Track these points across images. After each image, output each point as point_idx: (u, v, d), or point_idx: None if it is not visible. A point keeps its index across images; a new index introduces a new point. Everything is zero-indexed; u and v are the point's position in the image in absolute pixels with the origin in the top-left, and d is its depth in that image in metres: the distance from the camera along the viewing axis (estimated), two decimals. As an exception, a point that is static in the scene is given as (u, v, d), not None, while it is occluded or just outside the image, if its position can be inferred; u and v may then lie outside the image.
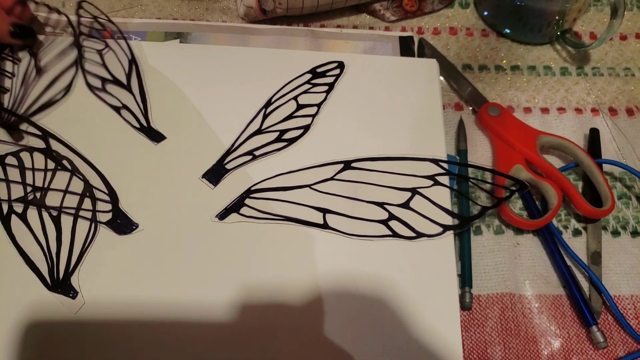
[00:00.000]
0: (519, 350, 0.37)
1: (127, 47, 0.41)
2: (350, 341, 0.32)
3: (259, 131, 0.39)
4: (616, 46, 0.50)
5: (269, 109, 0.40)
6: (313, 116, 0.40)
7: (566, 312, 0.38)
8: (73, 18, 0.43)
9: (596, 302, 0.38)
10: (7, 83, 0.39)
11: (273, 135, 0.39)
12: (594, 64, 0.49)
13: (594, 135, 0.44)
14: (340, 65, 0.42)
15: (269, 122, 0.39)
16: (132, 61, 0.41)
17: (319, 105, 0.40)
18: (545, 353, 0.37)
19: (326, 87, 0.41)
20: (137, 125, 0.38)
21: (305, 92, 0.41)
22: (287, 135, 0.39)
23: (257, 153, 0.38)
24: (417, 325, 0.33)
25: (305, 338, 0.32)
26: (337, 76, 0.42)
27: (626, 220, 0.42)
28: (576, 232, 0.41)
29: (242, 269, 0.34)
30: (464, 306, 0.37)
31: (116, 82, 0.40)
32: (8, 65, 0.40)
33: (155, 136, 0.38)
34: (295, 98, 0.40)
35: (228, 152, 0.38)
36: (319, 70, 0.42)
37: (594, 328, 0.37)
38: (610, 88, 0.47)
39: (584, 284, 0.39)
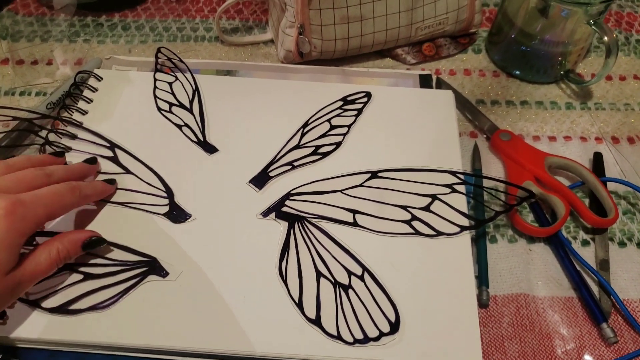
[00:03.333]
0: (534, 345, 0.39)
1: (193, 79, 0.50)
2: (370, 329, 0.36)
3: (297, 146, 0.45)
4: (616, 85, 0.55)
5: (306, 129, 0.46)
6: (344, 135, 0.46)
7: (578, 312, 0.41)
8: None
9: (606, 303, 0.41)
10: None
11: (309, 150, 0.45)
12: (597, 100, 0.54)
13: (597, 158, 0.48)
14: (368, 95, 0.49)
15: (306, 139, 0.46)
16: (196, 90, 0.49)
17: (349, 126, 0.47)
18: (559, 348, 0.39)
19: (355, 112, 0.48)
20: (195, 140, 0.44)
21: (337, 115, 0.47)
22: (321, 150, 0.45)
23: (295, 164, 0.44)
24: (438, 317, 0.37)
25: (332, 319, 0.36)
26: (365, 103, 0.48)
27: (632, 232, 0.45)
28: (585, 243, 0.45)
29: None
30: (482, 304, 0.41)
31: (180, 105, 0.47)
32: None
33: (210, 148, 0.44)
34: (328, 120, 0.47)
35: (271, 163, 0.44)
36: (349, 98, 0.49)
37: (604, 325, 0.39)
38: (612, 120, 0.52)
39: (594, 288, 0.42)
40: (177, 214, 0.41)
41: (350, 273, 0.38)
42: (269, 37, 0.59)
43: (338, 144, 0.45)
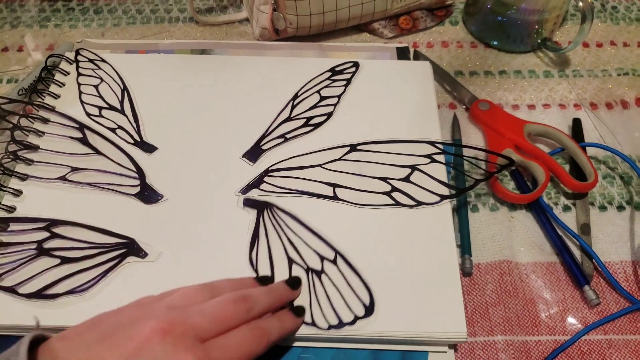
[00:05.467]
0: (518, 310, 0.40)
1: (120, 78, 0.48)
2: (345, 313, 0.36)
3: (288, 119, 0.45)
4: (593, 52, 0.55)
5: (296, 101, 0.46)
6: (334, 105, 0.46)
7: (560, 277, 0.41)
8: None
9: (588, 267, 0.41)
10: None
11: (301, 122, 0.45)
12: (574, 67, 0.54)
13: (576, 124, 0.49)
14: (356, 65, 0.49)
15: (296, 111, 0.45)
16: (124, 89, 0.47)
17: (339, 97, 0.46)
18: (543, 312, 0.39)
19: (344, 82, 0.47)
20: (132, 141, 0.44)
21: (327, 86, 0.47)
22: (313, 121, 0.45)
23: (288, 136, 0.44)
24: (423, 284, 0.37)
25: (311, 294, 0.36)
26: (354, 73, 0.48)
27: (612, 196, 0.45)
28: (566, 208, 0.45)
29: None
30: (465, 272, 0.41)
31: (111, 107, 0.46)
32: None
33: (148, 148, 0.43)
34: (318, 91, 0.47)
35: (263, 136, 0.44)
36: (337, 69, 0.48)
37: (587, 287, 0.40)
38: (589, 87, 0.52)
39: (576, 253, 0.42)
40: (148, 195, 0.40)
41: (322, 258, 0.37)
42: (244, 15, 0.58)
43: (329, 115, 0.45)
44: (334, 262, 0.37)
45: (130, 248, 0.37)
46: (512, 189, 0.45)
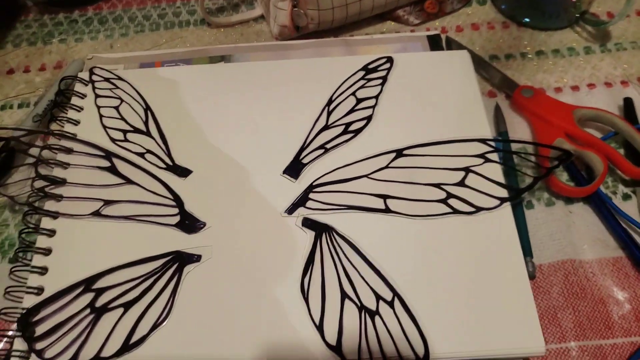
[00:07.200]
0: (589, 312, 0.38)
1: (140, 96, 0.44)
2: (426, 318, 0.34)
3: (326, 127, 0.42)
4: (634, 22, 0.52)
5: (331, 106, 0.43)
6: (373, 107, 0.43)
7: (629, 272, 0.39)
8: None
9: (657, 258, 0.39)
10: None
11: (339, 129, 0.41)
12: (616, 40, 0.51)
13: (628, 104, 0.46)
14: (390, 60, 0.45)
15: (333, 117, 0.42)
16: (147, 108, 0.43)
17: (376, 97, 0.43)
18: (615, 313, 0.37)
19: (380, 80, 0.44)
20: (164, 165, 0.41)
21: (362, 87, 0.44)
22: (352, 127, 0.42)
23: (328, 146, 0.41)
24: (491, 296, 0.35)
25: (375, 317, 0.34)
26: (389, 69, 0.45)
27: (673, 179, 0.43)
28: (626, 197, 0.42)
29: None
30: (528, 275, 0.38)
31: (136, 130, 0.42)
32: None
33: (182, 172, 0.40)
34: (353, 93, 0.43)
35: (302, 149, 0.41)
36: (370, 66, 0.45)
37: (659, 282, 0.37)
38: (635, 60, 0.49)
39: (642, 244, 0.40)
40: (189, 224, 0.37)
41: (378, 297, 0.34)
42: (259, 12, 0.55)
43: (369, 118, 0.42)
44: (391, 304, 0.34)
45: (181, 259, 0.36)
46: (566, 180, 0.43)
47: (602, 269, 0.39)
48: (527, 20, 0.52)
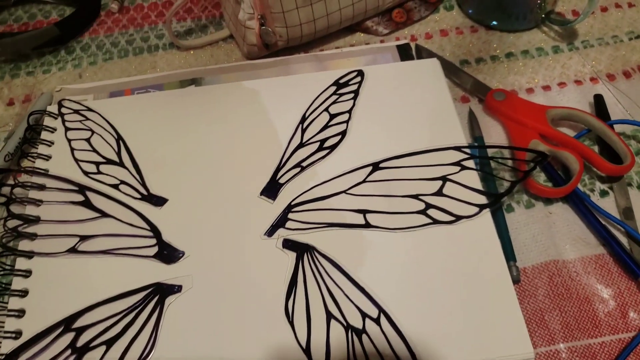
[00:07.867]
0: (575, 312, 0.38)
1: (111, 127, 0.44)
2: (413, 332, 0.34)
3: (301, 144, 0.41)
4: (599, 18, 0.53)
5: (305, 123, 0.43)
6: (347, 122, 0.43)
7: (612, 269, 0.39)
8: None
9: (638, 254, 0.39)
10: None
11: (315, 146, 0.41)
12: (583, 38, 0.51)
13: (599, 101, 0.46)
14: (360, 73, 0.45)
15: (308, 134, 0.42)
16: (119, 138, 0.43)
17: (349, 112, 0.43)
18: (602, 310, 0.37)
19: (352, 95, 0.44)
20: (139, 195, 0.40)
21: (334, 102, 0.44)
22: (327, 143, 0.41)
23: (304, 164, 0.41)
24: (476, 304, 0.34)
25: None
26: (360, 83, 0.45)
27: (648, 173, 0.43)
28: (603, 193, 0.42)
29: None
30: (513, 280, 0.38)
31: (109, 161, 0.42)
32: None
33: (158, 201, 0.40)
34: (326, 109, 0.43)
35: (278, 168, 0.40)
36: (341, 81, 0.45)
37: (642, 277, 0.38)
38: (602, 57, 0.50)
39: (622, 240, 0.40)
40: (168, 254, 0.37)
41: (364, 315, 0.34)
42: (227, 33, 0.54)
43: (343, 133, 0.42)
44: (377, 321, 0.34)
45: (162, 290, 0.35)
46: (543, 181, 0.43)
47: (585, 267, 0.39)
48: (494, 23, 0.53)
